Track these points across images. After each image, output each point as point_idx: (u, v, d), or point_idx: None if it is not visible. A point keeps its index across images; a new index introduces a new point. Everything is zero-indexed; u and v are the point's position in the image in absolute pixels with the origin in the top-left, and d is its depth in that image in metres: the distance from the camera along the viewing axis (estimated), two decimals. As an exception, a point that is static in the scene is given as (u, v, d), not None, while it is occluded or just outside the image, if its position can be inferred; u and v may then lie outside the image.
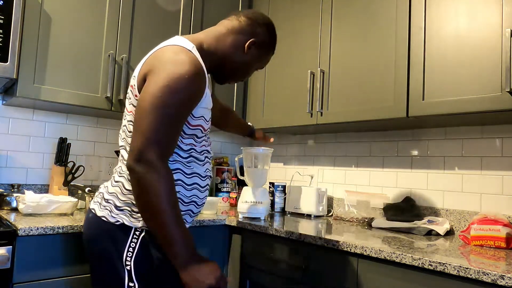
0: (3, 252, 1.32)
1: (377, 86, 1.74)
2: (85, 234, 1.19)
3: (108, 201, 1.15)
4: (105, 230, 1.12)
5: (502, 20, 1.39)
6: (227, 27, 1.25)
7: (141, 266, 1.11)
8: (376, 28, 1.77)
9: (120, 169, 1.17)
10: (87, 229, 1.18)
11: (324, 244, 1.45)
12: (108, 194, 1.16)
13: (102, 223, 1.13)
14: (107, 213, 1.13)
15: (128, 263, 1.10)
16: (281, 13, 2.25)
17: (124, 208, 1.12)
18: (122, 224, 1.11)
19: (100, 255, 1.13)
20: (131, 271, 1.10)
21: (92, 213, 1.17)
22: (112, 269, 1.11)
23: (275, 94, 2.23)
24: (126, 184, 1.13)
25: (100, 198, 1.18)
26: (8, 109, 1.98)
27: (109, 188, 1.17)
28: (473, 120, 1.63)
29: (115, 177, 1.18)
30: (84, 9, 1.85)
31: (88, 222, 1.18)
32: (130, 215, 1.12)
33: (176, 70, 1.05)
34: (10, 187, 1.94)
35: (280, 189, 2.35)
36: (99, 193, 1.21)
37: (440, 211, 1.82)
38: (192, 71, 1.06)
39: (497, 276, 1.03)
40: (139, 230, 1.12)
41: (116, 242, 1.11)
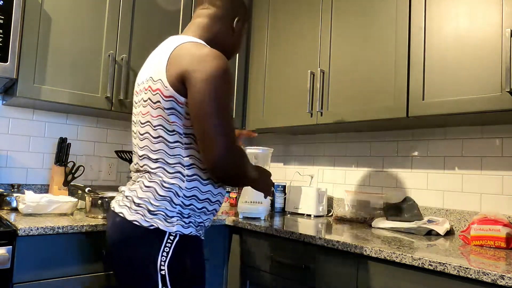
0: (3, 252, 1.32)
1: (377, 86, 1.74)
2: (112, 238, 1.16)
3: (139, 205, 1.13)
4: (138, 234, 1.11)
5: (502, 20, 1.39)
6: (209, 16, 1.30)
7: (175, 271, 1.11)
8: (376, 28, 1.77)
9: (149, 175, 1.17)
10: (116, 233, 1.15)
11: (324, 244, 1.45)
12: (138, 199, 1.14)
13: (134, 227, 1.12)
14: (140, 217, 1.12)
15: (162, 268, 1.10)
16: (281, 13, 2.25)
17: (158, 212, 1.12)
18: (156, 229, 1.11)
19: (132, 259, 1.12)
20: (165, 276, 1.10)
21: (120, 217, 1.15)
22: (145, 274, 1.10)
23: (275, 94, 2.23)
24: (159, 189, 1.13)
25: (129, 202, 1.16)
26: (8, 109, 1.98)
27: (139, 193, 1.15)
28: (473, 120, 1.63)
29: (144, 182, 1.16)
30: (84, 9, 1.85)
31: (117, 226, 1.15)
32: (165, 219, 1.12)
33: (218, 65, 1.10)
34: (10, 187, 1.94)
35: (280, 189, 2.35)
36: (125, 197, 1.18)
37: (440, 211, 1.82)
38: (226, 62, 1.14)
39: (497, 276, 1.03)
40: (173, 235, 1.12)
41: (150, 246, 1.10)
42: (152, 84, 1.16)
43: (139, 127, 1.21)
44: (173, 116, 1.13)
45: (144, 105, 1.18)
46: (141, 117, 1.20)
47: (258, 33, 2.38)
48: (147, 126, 1.17)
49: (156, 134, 1.15)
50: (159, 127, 1.15)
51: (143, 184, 1.16)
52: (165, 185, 1.14)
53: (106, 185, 2.27)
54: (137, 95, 1.27)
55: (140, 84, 1.25)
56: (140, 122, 1.20)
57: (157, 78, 1.14)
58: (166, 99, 1.12)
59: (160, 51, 1.21)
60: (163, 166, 1.15)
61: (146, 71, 1.23)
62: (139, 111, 1.22)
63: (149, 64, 1.24)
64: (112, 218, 1.19)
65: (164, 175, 1.14)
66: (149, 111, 1.16)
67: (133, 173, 1.26)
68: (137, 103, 1.25)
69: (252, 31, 2.44)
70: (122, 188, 1.25)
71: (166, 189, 1.14)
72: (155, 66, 1.17)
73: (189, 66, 1.10)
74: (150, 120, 1.16)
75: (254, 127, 2.34)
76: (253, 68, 2.39)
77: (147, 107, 1.17)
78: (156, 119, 1.15)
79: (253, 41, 2.42)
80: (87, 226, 1.49)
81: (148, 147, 1.17)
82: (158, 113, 1.14)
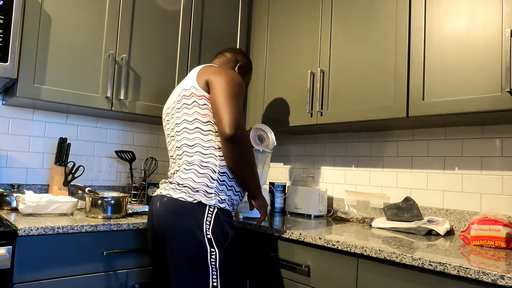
0: (3, 252, 1.32)
1: (377, 86, 1.74)
2: (162, 216, 1.39)
3: (183, 186, 1.40)
4: (185, 208, 1.36)
5: (502, 20, 1.39)
6: (220, 60, 1.75)
7: (217, 235, 1.36)
8: (376, 28, 1.77)
9: (187, 161, 1.44)
10: (165, 210, 1.39)
11: (324, 244, 1.45)
12: (182, 180, 1.41)
13: (180, 203, 1.37)
14: (184, 194, 1.38)
15: (208, 233, 1.35)
16: (281, 13, 2.25)
17: (199, 189, 1.39)
18: (199, 202, 1.37)
19: (182, 228, 1.35)
20: (211, 239, 1.34)
21: (168, 197, 1.40)
22: (196, 239, 1.33)
23: (275, 94, 2.23)
24: (199, 169, 1.41)
25: (174, 185, 1.42)
26: (8, 109, 1.98)
27: (182, 176, 1.42)
28: (473, 120, 1.63)
29: (185, 167, 1.43)
30: (84, 9, 1.85)
31: (165, 204, 1.40)
32: (205, 195, 1.39)
33: (233, 74, 1.50)
34: (10, 187, 1.94)
35: (280, 189, 2.35)
36: (169, 183, 1.45)
37: (440, 211, 1.82)
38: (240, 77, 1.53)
39: (497, 276, 1.03)
40: (212, 207, 1.38)
41: (195, 216, 1.35)
42: (185, 92, 1.50)
43: (176, 128, 1.52)
44: (206, 110, 1.46)
45: (179, 110, 1.51)
46: (177, 120, 1.52)
47: (258, 33, 2.38)
48: (184, 123, 1.48)
49: (192, 126, 1.46)
50: (195, 120, 1.46)
51: (184, 169, 1.43)
52: (203, 164, 1.42)
53: (106, 185, 2.27)
54: (167, 116, 1.61)
55: (171, 104, 1.59)
56: (177, 124, 1.52)
57: (189, 86, 1.50)
58: (199, 97, 1.46)
59: (185, 79, 1.57)
60: (199, 150, 1.44)
61: (175, 94, 1.59)
62: (174, 119, 1.54)
63: (176, 90, 1.60)
64: (159, 199, 1.43)
65: (201, 157, 1.43)
66: (185, 112, 1.49)
67: (171, 170, 1.53)
68: (171, 119, 1.57)
69: (252, 31, 2.44)
70: (164, 180, 1.53)
71: (204, 167, 1.41)
72: (186, 83, 1.53)
73: (212, 74, 1.47)
74: (186, 118, 1.48)
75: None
76: (253, 68, 2.39)
77: (182, 111, 1.50)
78: (192, 115, 1.47)
79: (253, 41, 2.42)
80: (87, 226, 1.50)
81: (186, 137, 1.47)
82: (194, 110, 1.46)
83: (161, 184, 1.54)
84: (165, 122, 1.65)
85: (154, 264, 1.53)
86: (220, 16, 2.34)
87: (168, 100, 1.66)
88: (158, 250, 1.46)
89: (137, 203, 2.18)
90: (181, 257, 1.34)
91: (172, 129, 1.56)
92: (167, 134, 1.62)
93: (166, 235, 1.39)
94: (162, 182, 1.55)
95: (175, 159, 1.53)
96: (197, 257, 1.33)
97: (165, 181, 1.52)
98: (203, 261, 1.32)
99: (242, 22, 2.44)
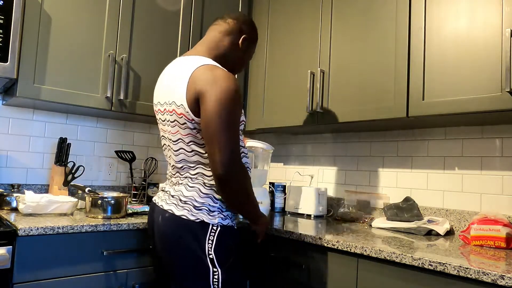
0: (3, 252, 1.32)
1: (377, 86, 1.74)
2: (163, 231, 1.34)
3: (186, 203, 1.32)
4: (187, 227, 1.30)
5: (502, 20, 1.39)
6: (219, 31, 1.47)
7: (220, 255, 1.30)
8: (376, 28, 1.77)
9: (190, 179, 1.35)
10: (166, 226, 1.33)
11: (324, 244, 1.45)
12: (184, 197, 1.33)
13: (182, 221, 1.30)
14: (187, 212, 1.31)
15: (210, 253, 1.29)
16: (281, 13, 2.25)
17: (202, 208, 1.31)
18: (202, 221, 1.30)
19: (183, 248, 1.30)
20: (213, 259, 1.29)
21: (170, 213, 1.33)
22: (198, 259, 1.28)
23: (275, 94, 2.23)
24: (203, 188, 1.33)
25: (176, 200, 1.34)
26: (8, 109, 1.98)
27: (185, 192, 1.34)
28: (473, 120, 1.63)
29: (188, 183, 1.35)
30: (84, 9, 1.85)
31: (167, 221, 1.33)
32: (208, 213, 1.31)
33: (228, 86, 1.26)
34: (10, 187, 1.94)
35: (280, 189, 2.35)
36: (171, 196, 1.37)
37: (440, 211, 1.82)
38: (236, 83, 1.30)
39: (497, 276, 1.03)
40: (215, 226, 1.31)
41: (197, 236, 1.29)
42: (177, 108, 1.32)
43: (172, 144, 1.38)
44: (200, 133, 1.31)
45: (173, 126, 1.35)
46: (172, 136, 1.37)
47: (258, 33, 2.38)
48: (180, 143, 1.36)
49: (190, 149, 1.34)
50: (192, 143, 1.33)
51: (187, 186, 1.35)
52: (207, 184, 1.34)
53: (106, 185, 2.27)
54: (161, 114, 1.43)
55: (163, 104, 1.40)
56: (172, 140, 1.38)
57: (180, 103, 1.31)
58: (190, 121, 1.30)
59: (178, 74, 1.35)
60: (201, 171, 1.34)
61: (167, 93, 1.38)
62: (168, 130, 1.39)
63: (168, 86, 1.38)
64: (160, 214, 1.36)
65: (204, 178, 1.34)
66: (179, 130, 1.34)
67: (173, 177, 1.43)
68: (163, 122, 1.41)
69: (252, 31, 2.44)
70: (167, 188, 1.43)
71: (208, 188, 1.34)
72: (176, 92, 1.33)
73: (202, 87, 1.26)
74: (181, 138, 1.35)
75: (254, 127, 2.33)
76: (253, 68, 2.39)
77: (176, 127, 1.35)
78: (187, 137, 1.33)
79: (253, 41, 2.42)
80: (87, 226, 1.49)
81: (185, 160, 1.36)
82: (187, 132, 1.32)
83: (161, 191, 1.46)
84: (158, 115, 1.47)
85: (158, 265, 1.50)
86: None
87: (159, 92, 1.45)
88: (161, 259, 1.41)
89: (137, 203, 2.18)
90: (183, 276, 1.31)
91: (166, 137, 1.42)
92: (161, 135, 1.48)
93: (168, 253, 1.34)
94: (162, 188, 1.47)
95: (174, 168, 1.42)
96: (199, 277, 1.29)
97: (164, 189, 1.44)
98: (206, 282, 1.29)
99: (242, 22, 2.43)
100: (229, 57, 1.48)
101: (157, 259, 1.47)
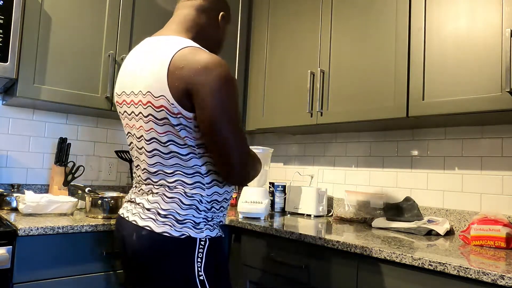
0: (3, 252, 1.32)
1: (377, 86, 1.74)
2: (141, 254, 1.11)
3: (166, 216, 1.11)
4: (170, 246, 1.10)
5: (502, 20, 1.39)
6: (194, 7, 1.24)
7: (210, 273, 1.13)
8: (376, 28, 1.77)
9: (168, 188, 1.14)
10: (144, 246, 1.10)
11: (324, 244, 1.45)
12: (163, 210, 1.12)
13: (165, 239, 1.09)
14: (169, 228, 1.10)
15: (200, 273, 1.11)
16: (281, 13, 2.25)
17: (186, 221, 1.12)
18: (188, 237, 1.11)
19: (169, 272, 1.10)
20: (203, 280, 1.11)
21: (147, 230, 1.10)
22: (186, 283, 1.10)
23: (275, 94, 2.23)
24: (184, 199, 1.13)
25: (153, 214, 1.12)
26: (8, 109, 1.98)
27: (163, 205, 1.12)
28: (473, 120, 1.63)
29: (166, 194, 1.13)
30: (84, 9, 1.85)
31: (144, 240, 1.10)
32: (194, 227, 1.13)
33: (221, 74, 1.06)
34: (10, 187, 1.94)
35: (280, 189, 2.35)
36: (146, 209, 1.14)
37: (440, 211, 1.82)
38: (227, 68, 1.10)
39: (497, 276, 1.03)
40: (203, 240, 1.13)
41: (185, 255, 1.10)
42: (153, 100, 1.09)
43: (144, 143, 1.16)
44: (183, 131, 1.10)
45: (145, 121, 1.13)
46: (144, 133, 1.15)
47: (258, 33, 2.38)
48: (154, 143, 1.13)
49: (167, 150, 1.12)
50: (170, 143, 1.11)
51: (165, 196, 1.13)
52: (188, 194, 1.13)
53: (106, 185, 2.27)
54: (126, 107, 1.19)
55: (130, 94, 1.17)
56: (144, 139, 1.15)
57: (159, 94, 1.07)
58: (175, 116, 1.08)
59: (151, 59, 1.12)
60: (181, 178, 1.13)
61: (136, 82, 1.14)
62: (138, 125, 1.16)
63: (138, 74, 1.14)
64: (135, 232, 1.13)
65: (185, 187, 1.13)
66: (153, 127, 1.12)
67: (143, 184, 1.20)
68: (129, 116, 1.19)
69: (252, 31, 2.44)
70: (138, 199, 1.18)
71: (190, 198, 1.13)
72: (152, 79, 1.09)
73: (193, 79, 1.05)
74: (156, 137, 1.12)
75: (254, 127, 2.34)
76: (253, 68, 2.39)
77: (150, 123, 1.12)
78: (165, 135, 1.11)
79: (253, 41, 2.42)
80: (87, 226, 1.49)
81: (161, 163, 1.14)
82: (166, 129, 1.10)
83: (128, 203, 1.22)
84: (121, 108, 1.23)
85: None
86: (220, 16, 2.34)
87: (125, 80, 1.20)
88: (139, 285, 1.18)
89: (137, 203, 2.18)
90: None
91: (134, 134, 1.19)
92: (127, 131, 1.24)
93: (149, 280, 1.13)
94: (128, 199, 1.23)
95: (145, 173, 1.18)
96: None
97: (134, 200, 1.20)
98: None
99: (242, 22, 2.44)
100: (209, 37, 1.27)
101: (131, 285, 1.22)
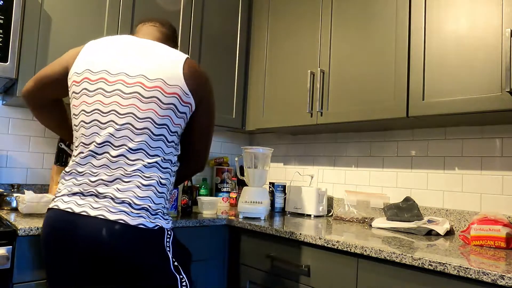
0: (3, 252, 1.32)
1: (377, 86, 1.74)
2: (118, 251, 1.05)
3: (142, 208, 1.09)
4: (147, 238, 1.08)
5: (502, 20, 1.39)
6: (162, 33, 1.38)
7: (179, 259, 1.17)
8: (376, 28, 1.77)
9: (143, 175, 1.12)
10: (120, 243, 1.05)
11: (324, 244, 1.45)
12: (139, 199, 1.09)
13: (141, 231, 1.07)
14: (143, 220, 1.08)
15: (174, 260, 1.14)
16: (281, 13, 2.25)
17: (158, 211, 1.14)
18: (160, 228, 1.12)
19: (149, 264, 1.08)
20: (178, 266, 1.14)
21: (121, 224, 1.05)
22: (165, 270, 1.11)
23: (275, 94, 2.23)
24: (158, 187, 1.14)
25: (126, 206, 1.08)
26: (8, 109, 1.98)
27: (139, 193, 1.10)
28: (473, 120, 1.63)
29: (142, 181, 1.11)
30: (84, 9, 1.85)
31: (119, 235, 1.05)
32: (162, 217, 1.15)
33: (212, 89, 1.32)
34: (10, 187, 1.94)
35: (280, 189, 2.35)
36: (114, 201, 1.08)
37: (440, 211, 1.82)
38: None
39: (497, 276, 1.03)
40: (170, 230, 1.16)
41: (158, 245, 1.11)
42: (165, 87, 1.15)
43: (132, 119, 1.13)
44: (181, 119, 1.21)
45: (146, 102, 1.13)
46: (137, 111, 1.13)
47: (258, 33, 2.38)
48: (147, 122, 1.13)
49: (158, 132, 1.15)
50: (164, 126, 1.16)
51: (139, 183, 1.10)
52: (162, 182, 1.16)
53: (106, 185, 2.26)
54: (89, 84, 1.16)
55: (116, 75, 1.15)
56: (136, 116, 1.13)
57: (173, 83, 1.17)
58: (184, 104, 1.20)
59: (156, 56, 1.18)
60: (159, 162, 1.15)
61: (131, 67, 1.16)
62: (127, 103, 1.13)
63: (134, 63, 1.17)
64: (105, 227, 1.05)
65: (159, 172, 1.15)
66: (154, 108, 1.14)
67: (107, 169, 1.11)
68: (94, 91, 1.15)
69: (252, 31, 2.44)
70: (100, 190, 1.09)
71: (162, 185, 1.16)
72: (162, 71, 1.16)
73: (205, 88, 1.25)
74: (153, 117, 1.14)
75: (254, 127, 2.34)
76: (253, 68, 2.39)
77: (151, 104, 1.13)
78: (162, 119, 1.15)
79: (253, 41, 2.42)
80: (87, 226, 1.49)
81: (147, 143, 1.13)
82: (166, 113, 1.16)
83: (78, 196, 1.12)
84: (75, 87, 1.18)
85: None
86: (220, 17, 2.34)
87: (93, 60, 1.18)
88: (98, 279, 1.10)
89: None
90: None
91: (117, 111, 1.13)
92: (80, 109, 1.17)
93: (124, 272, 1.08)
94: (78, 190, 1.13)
95: (113, 156, 1.12)
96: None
97: (94, 192, 1.10)
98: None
99: (242, 22, 2.44)
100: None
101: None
